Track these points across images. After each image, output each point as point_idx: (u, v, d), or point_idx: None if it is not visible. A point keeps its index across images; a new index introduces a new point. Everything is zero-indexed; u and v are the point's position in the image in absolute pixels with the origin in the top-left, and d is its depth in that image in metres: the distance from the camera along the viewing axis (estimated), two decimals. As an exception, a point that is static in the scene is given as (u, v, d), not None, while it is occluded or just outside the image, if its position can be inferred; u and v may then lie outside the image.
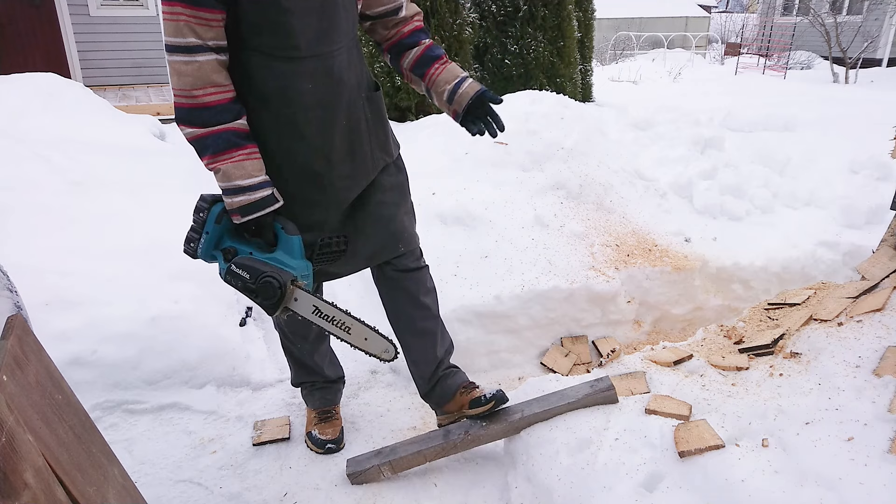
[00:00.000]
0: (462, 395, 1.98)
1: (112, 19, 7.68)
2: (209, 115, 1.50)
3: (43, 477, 0.93)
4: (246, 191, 1.54)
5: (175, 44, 1.45)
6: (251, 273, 1.56)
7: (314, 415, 2.17)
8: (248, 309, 2.84)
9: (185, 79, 1.47)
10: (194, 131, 1.51)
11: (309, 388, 2.19)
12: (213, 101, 1.50)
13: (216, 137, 1.51)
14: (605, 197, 3.24)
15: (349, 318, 1.69)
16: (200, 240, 1.62)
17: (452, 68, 1.77)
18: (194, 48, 1.45)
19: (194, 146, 1.54)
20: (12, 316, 1.12)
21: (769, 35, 13.72)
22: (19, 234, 2.55)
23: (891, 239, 2.39)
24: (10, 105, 3.75)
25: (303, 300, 1.63)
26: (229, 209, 1.57)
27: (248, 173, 1.54)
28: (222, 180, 1.54)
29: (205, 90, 1.48)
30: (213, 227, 1.61)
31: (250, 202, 1.55)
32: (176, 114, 1.53)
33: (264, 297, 1.56)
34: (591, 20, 7.49)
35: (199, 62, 1.46)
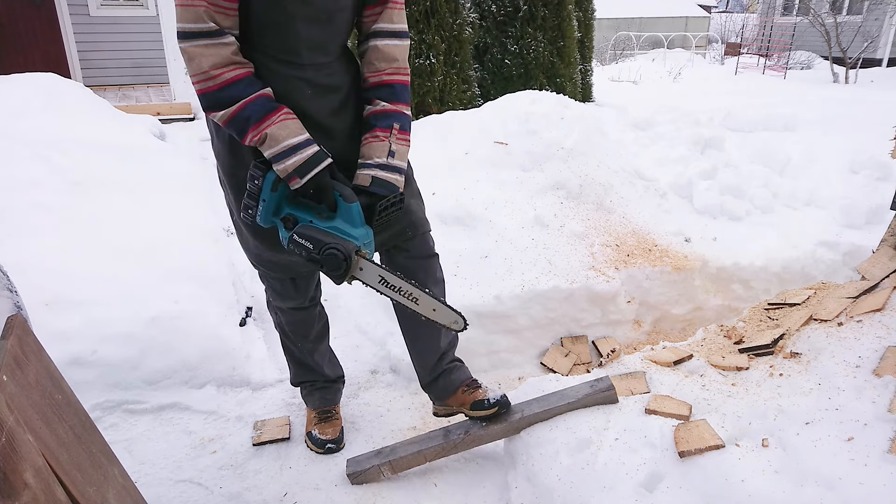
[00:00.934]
0: (465, 393, 1.97)
1: (112, 19, 7.68)
2: (237, 89, 1.48)
3: (43, 477, 0.93)
4: (297, 149, 1.52)
5: (194, 30, 1.44)
6: (314, 243, 1.54)
7: (314, 414, 2.16)
8: (248, 309, 2.84)
9: (206, 60, 1.45)
10: (227, 111, 1.49)
11: (309, 387, 2.19)
12: (239, 76, 1.49)
13: (252, 105, 1.49)
14: (605, 197, 3.24)
15: (416, 289, 1.66)
16: (258, 207, 1.59)
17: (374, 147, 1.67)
18: (215, 33, 1.45)
19: (232, 127, 1.51)
20: (12, 316, 1.12)
21: (769, 35, 13.72)
22: (19, 234, 2.55)
23: (891, 239, 2.39)
24: (10, 105, 3.75)
25: (368, 270, 1.61)
26: (285, 174, 1.54)
27: (293, 132, 1.52)
28: (270, 145, 1.51)
29: (227, 68, 1.47)
30: (269, 194, 1.58)
31: (305, 160, 1.53)
32: (203, 102, 1.50)
33: (329, 267, 1.54)
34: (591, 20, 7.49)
35: (223, 43, 1.46)
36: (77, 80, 7.32)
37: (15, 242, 2.48)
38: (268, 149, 1.52)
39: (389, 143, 1.67)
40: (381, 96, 1.68)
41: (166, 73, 6.70)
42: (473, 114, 3.90)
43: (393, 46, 1.68)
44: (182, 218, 3.04)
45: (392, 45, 1.67)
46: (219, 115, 1.50)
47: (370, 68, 1.69)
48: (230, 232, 3.52)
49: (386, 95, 1.68)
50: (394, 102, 1.68)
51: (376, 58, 1.67)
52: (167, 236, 2.82)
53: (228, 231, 3.52)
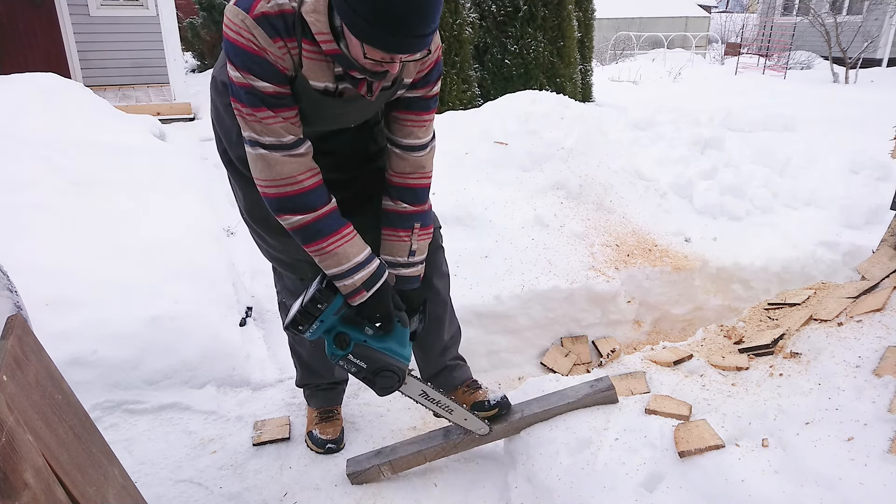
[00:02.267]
0: (465, 393, 2.00)
1: (112, 19, 7.67)
2: (314, 197, 1.49)
3: (43, 477, 0.93)
4: (364, 265, 1.54)
5: (276, 143, 1.42)
6: (369, 363, 1.60)
7: (315, 414, 2.17)
8: (248, 309, 2.84)
9: (287, 167, 1.44)
10: (303, 217, 1.48)
11: (313, 388, 2.19)
12: (315, 184, 1.49)
13: (326, 219, 1.50)
14: (605, 197, 3.24)
15: (451, 402, 1.79)
16: (313, 326, 1.59)
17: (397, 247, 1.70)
18: (296, 143, 1.45)
19: (302, 233, 1.51)
20: (12, 316, 1.12)
21: (769, 35, 13.72)
22: (19, 234, 2.55)
23: (891, 239, 2.39)
24: (10, 105, 3.75)
25: (412, 385, 1.72)
26: (350, 290, 1.55)
27: (360, 249, 1.55)
28: (339, 263, 1.52)
29: (306, 174, 1.47)
30: (330, 318, 1.59)
31: (371, 273, 1.55)
32: (276, 205, 1.49)
33: (382, 385, 1.63)
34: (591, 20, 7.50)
35: (300, 153, 1.46)
36: (77, 80, 7.31)
37: (15, 242, 2.48)
38: (334, 265, 1.52)
39: (410, 244, 1.70)
40: (404, 199, 1.69)
41: (166, 73, 6.69)
42: (473, 114, 3.90)
43: (420, 157, 1.69)
44: (182, 218, 3.04)
45: (419, 156, 1.68)
46: (292, 220, 1.49)
47: (395, 168, 1.69)
48: (230, 232, 3.52)
49: (408, 199, 1.70)
50: (415, 205, 1.70)
51: (402, 163, 1.68)
52: (167, 236, 2.82)
53: (228, 231, 3.52)
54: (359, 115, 1.60)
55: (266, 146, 1.43)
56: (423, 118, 1.65)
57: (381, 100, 1.56)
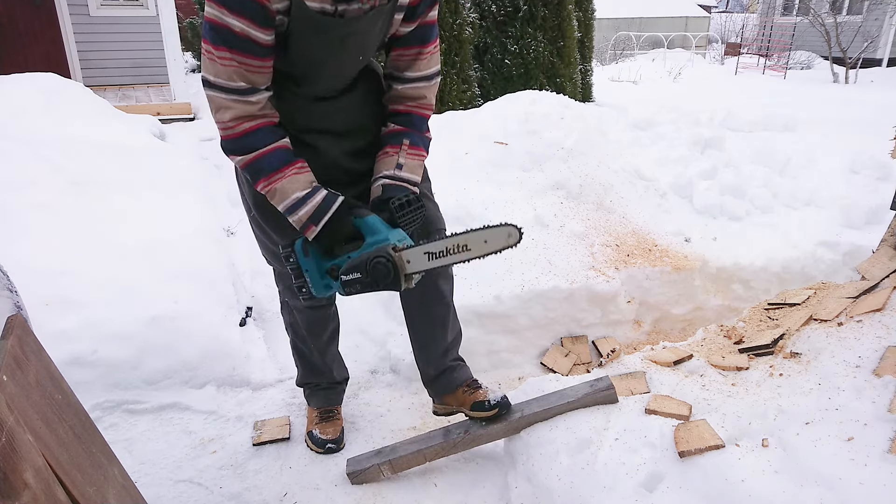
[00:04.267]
0: (465, 393, 1.97)
1: (112, 19, 7.67)
2: (255, 138, 1.51)
3: (43, 477, 0.93)
4: (306, 199, 1.55)
5: (222, 85, 1.44)
6: (358, 269, 1.55)
7: (315, 414, 2.17)
8: (248, 309, 2.84)
9: (229, 112, 1.47)
10: (244, 158, 1.53)
11: (313, 388, 2.19)
12: (259, 124, 1.52)
13: (269, 157, 1.52)
14: (605, 197, 3.24)
15: (460, 236, 1.59)
16: (306, 280, 1.61)
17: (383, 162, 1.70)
18: (246, 91, 1.47)
19: (247, 173, 1.56)
20: (12, 316, 1.12)
21: (769, 35, 13.72)
22: (19, 234, 2.55)
23: (891, 239, 2.39)
24: (10, 105, 3.75)
25: (414, 257, 1.57)
26: (300, 225, 1.57)
27: (302, 185, 1.55)
28: (281, 198, 1.55)
29: (252, 122, 1.50)
30: (305, 261, 1.60)
31: (315, 208, 1.55)
32: (223, 145, 1.54)
33: (383, 278, 1.54)
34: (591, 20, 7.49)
35: (250, 101, 1.48)
36: (77, 80, 7.31)
37: (15, 242, 2.48)
38: (279, 202, 1.55)
39: (398, 157, 1.69)
40: (396, 121, 1.72)
41: (166, 73, 6.69)
42: (473, 114, 3.90)
43: (421, 88, 1.70)
44: (182, 218, 3.04)
45: (419, 86, 1.70)
46: (237, 160, 1.55)
47: (393, 102, 1.73)
48: (230, 232, 3.52)
49: (402, 121, 1.72)
50: (406, 126, 1.71)
51: (401, 95, 1.71)
52: (167, 236, 2.82)
53: (228, 231, 3.52)
54: (362, 41, 1.56)
55: (213, 85, 1.45)
56: (427, 49, 1.66)
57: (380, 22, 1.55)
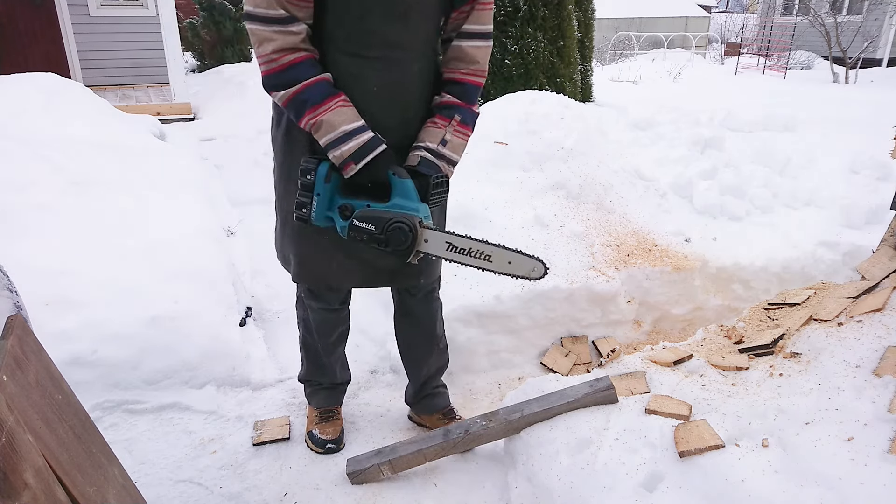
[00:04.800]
0: (439, 420, 2.17)
1: (112, 19, 7.67)
2: (298, 71, 1.50)
3: (43, 477, 0.93)
4: (352, 135, 1.52)
5: (263, 14, 1.45)
6: (376, 223, 1.53)
7: (315, 414, 2.17)
8: (248, 309, 2.84)
9: (271, 44, 1.47)
10: (286, 92, 1.51)
11: (315, 386, 2.19)
12: (302, 57, 1.50)
13: (311, 89, 1.50)
14: (605, 197, 3.24)
15: (488, 246, 1.59)
16: (312, 203, 1.58)
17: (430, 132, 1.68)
18: (285, 20, 1.46)
19: (291, 108, 1.53)
20: (12, 316, 1.12)
21: (769, 35, 13.72)
22: (19, 234, 2.55)
23: (891, 239, 2.39)
24: (10, 105, 3.74)
25: (434, 239, 1.57)
26: (339, 160, 1.54)
27: (349, 118, 1.53)
28: (327, 131, 1.52)
29: (295, 54, 1.49)
30: (323, 187, 1.57)
31: (360, 145, 1.53)
32: (265, 81, 1.53)
33: (396, 243, 1.52)
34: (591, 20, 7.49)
35: (291, 31, 1.47)
36: (77, 80, 7.31)
37: (15, 242, 2.48)
38: (323, 135, 1.53)
39: (445, 132, 1.67)
40: (451, 91, 1.69)
41: (166, 73, 6.69)
42: (473, 114, 3.89)
43: (475, 48, 1.68)
44: (182, 218, 3.04)
45: (475, 45, 1.68)
46: (279, 96, 1.52)
47: (448, 66, 1.71)
48: (230, 232, 3.52)
49: (456, 92, 1.69)
50: (461, 99, 1.69)
51: (456, 57, 1.69)
52: (167, 236, 2.82)
53: (228, 231, 3.52)
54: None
55: (255, 17, 1.45)
56: (486, 4, 1.65)
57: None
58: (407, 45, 1.60)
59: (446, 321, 2.22)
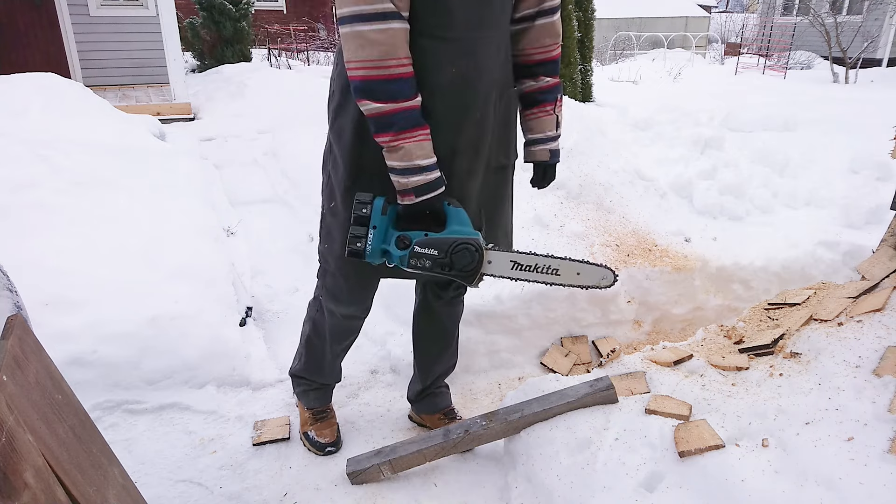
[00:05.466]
0: (440, 420, 2.18)
1: (112, 19, 7.67)
2: (399, 87, 1.42)
3: (43, 477, 0.93)
4: (424, 171, 1.49)
5: (365, 12, 1.36)
6: (439, 247, 1.51)
7: (308, 415, 2.15)
8: (248, 309, 2.84)
9: (376, 48, 1.38)
10: (381, 106, 1.42)
11: (306, 386, 2.15)
12: (405, 73, 1.43)
13: (404, 114, 1.44)
14: (605, 197, 3.24)
15: (554, 260, 1.57)
16: (368, 236, 1.54)
17: (545, 122, 1.71)
18: (389, 15, 1.37)
19: (375, 121, 1.45)
20: (12, 316, 1.12)
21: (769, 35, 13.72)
22: (19, 234, 2.55)
23: (891, 239, 2.38)
24: (10, 105, 3.75)
25: (498, 260, 1.56)
26: (402, 189, 1.50)
27: (427, 153, 1.49)
28: (402, 159, 1.47)
29: (399, 60, 1.40)
30: (379, 219, 1.54)
31: (426, 182, 1.49)
32: (361, 87, 1.43)
33: (461, 266, 1.51)
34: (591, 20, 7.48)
35: (395, 29, 1.39)
36: (77, 80, 7.31)
37: (15, 242, 2.48)
38: (397, 160, 1.47)
39: (557, 116, 1.70)
40: (547, 71, 1.69)
41: (166, 73, 6.69)
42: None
43: (557, 22, 1.67)
44: (182, 218, 3.04)
45: (556, 20, 1.67)
46: (370, 106, 1.43)
47: (536, 45, 1.67)
48: (230, 232, 3.52)
49: (551, 70, 1.69)
50: (555, 76, 1.70)
51: (544, 35, 1.66)
52: (167, 236, 2.82)
53: (228, 231, 3.52)
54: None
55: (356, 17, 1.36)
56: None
57: None
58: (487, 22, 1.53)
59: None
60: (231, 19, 9.38)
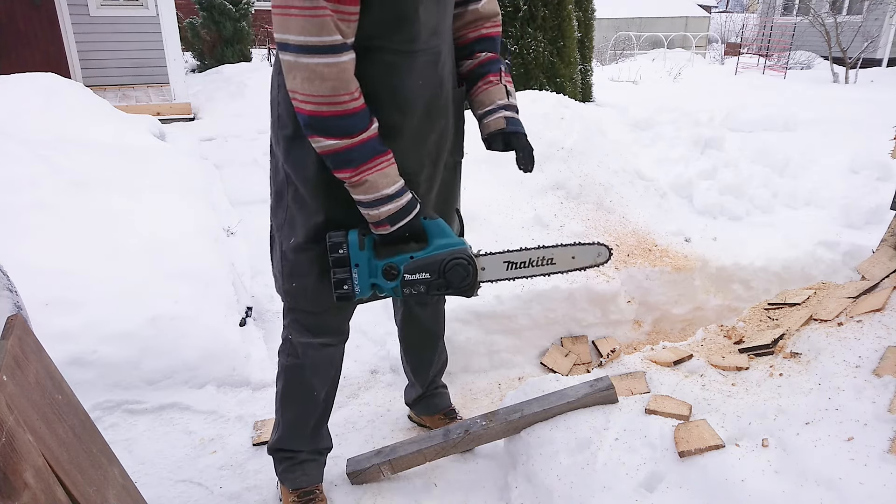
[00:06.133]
0: (441, 420, 2.16)
1: (112, 19, 7.68)
2: (353, 122, 1.34)
3: (43, 477, 0.93)
4: (393, 198, 1.42)
5: (312, 44, 1.26)
6: (430, 269, 1.46)
7: (293, 499, 1.81)
8: (248, 309, 2.84)
9: (326, 83, 1.29)
10: (336, 143, 1.34)
11: (289, 460, 1.83)
12: (357, 108, 1.35)
13: (361, 148, 1.36)
14: (605, 197, 3.24)
15: (547, 249, 1.53)
16: (353, 276, 1.47)
17: (492, 92, 1.60)
18: (339, 47, 1.28)
19: (332, 159, 1.37)
20: (12, 316, 1.12)
21: (769, 35, 13.72)
22: (19, 234, 2.55)
23: (891, 239, 2.39)
24: (10, 105, 3.75)
25: (491, 264, 1.52)
26: (375, 221, 1.44)
27: (392, 180, 1.42)
28: (367, 192, 1.40)
29: (350, 94, 1.32)
30: (359, 255, 1.47)
31: (399, 209, 1.43)
32: (312, 124, 1.34)
33: (458, 281, 1.46)
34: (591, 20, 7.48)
35: (343, 63, 1.30)
36: (77, 80, 7.32)
37: (15, 242, 2.48)
38: (362, 194, 1.41)
39: (504, 85, 1.61)
40: (485, 48, 1.62)
41: (166, 73, 6.69)
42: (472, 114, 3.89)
43: (490, 2, 1.61)
44: (182, 218, 3.04)
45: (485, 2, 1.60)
46: (324, 143, 1.35)
47: (470, 26, 1.61)
48: (230, 232, 3.52)
49: (489, 46, 1.63)
50: (496, 52, 1.64)
51: (477, 16, 1.61)
52: (167, 236, 2.82)
53: (228, 231, 3.52)
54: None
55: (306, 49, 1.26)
56: None
57: None
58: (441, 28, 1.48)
59: (446, 321, 2.22)
60: (231, 19, 9.39)
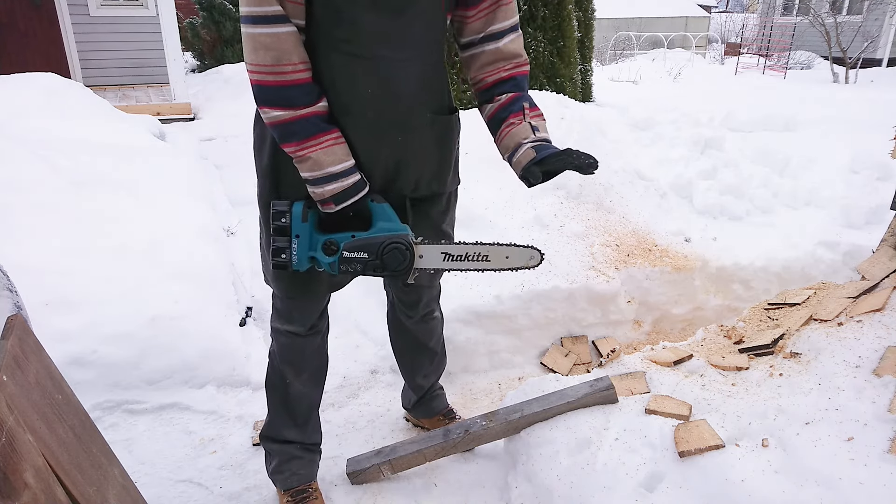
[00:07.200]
0: (440, 421, 2.15)
1: (112, 19, 7.68)
2: (296, 94, 1.37)
3: (43, 477, 0.93)
4: (339, 177, 1.42)
5: (255, 13, 1.31)
6: (368, 250, 1.47)
7: (286, 499, 1.82)
8: (248, 309, 2.84)
9: (269, 53, 1.33)
10: (281, 114, 1.37)
11: (280, 455, 1.83)
12: (300, 80, 1.37)
13: (304, 122, 1.38)
14: (605, 197, 3.24)
15: (483, 246, 1.55)
16: (292, 246, 1.49)
17: (515, 134, 1.53)
18: (277, 18, 1.32)
19: (277, 131, 1.40)
20: (12, 316, 1.12)
21: (769, 35, 13.72)
22: (19, 234, 2.55)
23: (891, 239, 2.39)
24: (10, 105, 3.75)
25: (429, 253, 1.53)
26: (320, 199, 1.45)
27: (339, 158, 1.42)
28: (312, 169, 1.41)
29: (294, 65, 1.35)
30: (300, 227, 1.49)
31: (344, 188, 1.43)
32: (257, 94, 1.38)
33: (394, 265, 1.48)
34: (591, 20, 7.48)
35: (283, 33, 1.33)
36: (77, 80, 7.31)
37: (15, 242, 2.48)
38: (307, 171, 1.42)
39: (528, 122, 1.52)
40: (504, 90, 1.55)
41: (166, 73, 6.69)
42: (474, 113, 3.90)
43: (511, 42, 1.53)
44: (182, 218, 3.04)
45: (510, 41, 1.53)
46: (270, 114, 1.38)
47: (486, 70, 1.55)
48: (230, 232, 3.52)
49: (510, 87, 1.55)
50: (516, 91, 1.55)
51: (494, 59, 1.54)
52: (167, 236, 2.82)
53: (228, 231, 3.52)
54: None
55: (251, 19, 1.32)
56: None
57: None
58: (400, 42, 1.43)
59: (446, 321, 2.21)
60: (231, 19, 9.39)
